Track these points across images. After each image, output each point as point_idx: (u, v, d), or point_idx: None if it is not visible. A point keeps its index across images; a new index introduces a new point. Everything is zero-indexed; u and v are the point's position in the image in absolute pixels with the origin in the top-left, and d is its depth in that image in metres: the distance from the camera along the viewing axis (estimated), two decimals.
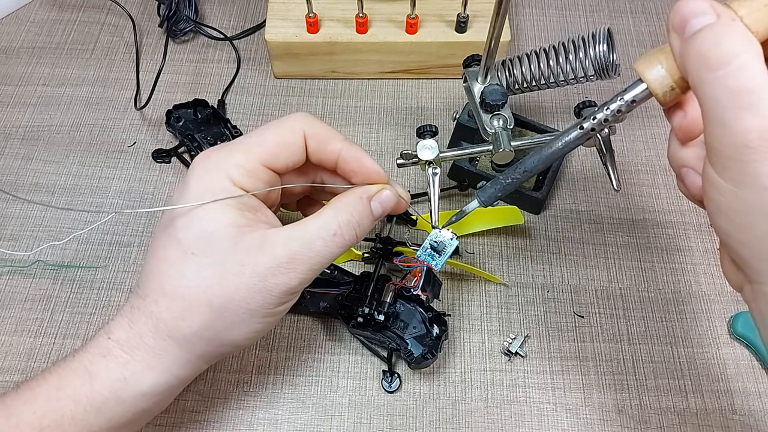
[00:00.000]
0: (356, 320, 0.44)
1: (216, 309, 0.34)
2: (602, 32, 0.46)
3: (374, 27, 0.58)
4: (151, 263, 0.36)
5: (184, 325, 0.34)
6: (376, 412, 0.45)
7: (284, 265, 0.34)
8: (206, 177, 0.35)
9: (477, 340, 0.48)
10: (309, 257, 0.35)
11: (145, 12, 0.66)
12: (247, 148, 0.36)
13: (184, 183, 0.36)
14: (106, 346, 0.35)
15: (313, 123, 0.37)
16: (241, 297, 0.34)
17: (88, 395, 0.34)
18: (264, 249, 0.34)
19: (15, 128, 0.58)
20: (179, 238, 0.34)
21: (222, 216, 0.34)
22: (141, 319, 0.35)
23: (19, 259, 0.51)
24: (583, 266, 0.51)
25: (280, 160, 0.37)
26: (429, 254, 0.43)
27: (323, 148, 0.37)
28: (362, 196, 0.37)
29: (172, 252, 0.34)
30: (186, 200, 0.34)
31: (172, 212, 0.35)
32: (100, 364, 0.34)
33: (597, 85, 0.61)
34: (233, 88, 0.61)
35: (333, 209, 0.37)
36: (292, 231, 0.35)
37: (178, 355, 0.35)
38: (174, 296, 0.34)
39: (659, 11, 0.67)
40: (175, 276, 0.34)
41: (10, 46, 0.63)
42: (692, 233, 0.53)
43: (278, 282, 0.34)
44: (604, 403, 0.46)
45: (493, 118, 0.46)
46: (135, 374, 0.34)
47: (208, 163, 0.36)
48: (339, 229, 0.36)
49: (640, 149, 0.58)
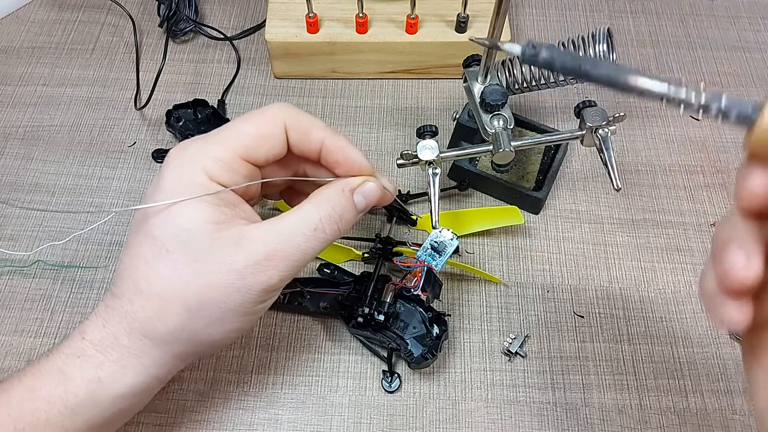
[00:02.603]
0: (356, 320, 0.44)
1: (192, 308, 0.33)
2: (602, 32, 0.46)
3: (374, 27, 0.58)
4: (125, 261, 0.34)
5: (159, 325, 0.33)
6: (376, 412, 0.45)
7: (263, 262, 0.33)
8: (181, 170, 0.34)
9: (477, 340, 0.48)
10: (289, 254, 0.34)
11: (145, 12, 0.66)
12: (225, 140, 0.34)
13: (158, 176, 0.34)
14: (80, 346, 0.34)
15: (293, 113, 0.36)
16: (218, 296, 0.33)
17: (62, 396, 0.33)
18: (241, 246, 0.33)
19: (15, 128, 0.58)
20: (154, 235, 0.33)
21: (198, 212, 0.33)
22: (115, 318, 0.34)
23: (19, 259, 0.51)
24: (583, 266, 0.51)
25: (260, 153, 0.35)
26: (429, 254, 0.43)
27: (305, 139, 0.36)
28: (344, 188, 0.36)
29: (147, 250, 0.33)
30: (160, 194, 0.33)
31: (146, 210, 0.34)
32: (74, 365, 0.33)
33: (597, 85, 0.61)
34: (233, 88, 0.61)
35: (313, 203, 0.35)
36: (271, 227, 0.34)
37: (155, 356, 0.34)
38: (149, 295, 0.33)
39: (659, 11, 0.67)
40: (149, 274, 0.33)
41: (10, 46, 0.63)
42: (692, 233, 0.53)
43: (257, 280, 0.33)
44: (604, 403, 0.46)
45: (493, 118, 0.46)
46: (110, 375, 0.33)
47: (183, 156, 0.34)
48: (320, 224, 0.34)
49: (640, 149, 0.58)
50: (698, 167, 0.57)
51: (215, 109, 0.57)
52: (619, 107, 0.60)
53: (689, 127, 0.59)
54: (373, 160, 0.57)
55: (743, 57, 0.64)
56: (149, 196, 0.34)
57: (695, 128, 0.59)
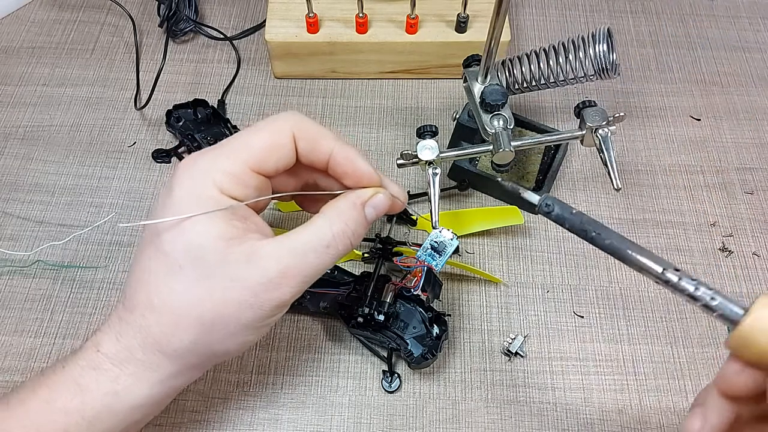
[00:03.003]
0: (356, 320, 0.44)
1: (206, 324, 0.33)
2: (602, 32, 0.46)
3: (374, 27, 0.58)
4: (137, 274, 0.34)
5: (174, 341, 0.33)
6: (376, 412, 0.45)
7: (276, 279, 0.33)
8: (192, 184, 0.33)
9: (477, 340, 0.48)
10: (301, 270, 0.33)
11: (145, 12, 0.66)
12: (234, 152, 0.34)
13: (168, 190, 0.34)
14: (95, 359, 0.34)
15: (302, 123, 0.35)
16: (232, 312, 0.33)
17: (79, 408, 0.33)
18: (254, 263, 0.33)
19: (15, 128, 0.58)
20: (166, 251, 0.33)
21: (210, 228, 0.32)
22: (129, 332, 0.34)
23: (19, 259, 0.51)
24: (583, 266, 0.51)
25: (269, 164, 0.35)
26: (429, 254, 0.43)
27: (314, 149, 0.35)
28: (356, 202, 0.35)
29: (159, 265, 0.33)
30: (171, 209, 0.33)
31: (157, 224, 0.33)
32: (90, 377, 0.33)
33: (597, 85, 0.61)
34: (233, 88, 0.61)
35: (326, 218, 0.35)
36: (284, 243, 0.33)
37: (169, 368, 0.34)
38: (162, 311, 0.33)
39: (659, 11, 0.67)
40: (162, 290, 0.33)
41: (10, 46, 0.63)
42: (692, 233, 0.53)
43: (270, 297, 0.33)
44: (604, 403, 0.46)
45: (493, 118, 0.46)
46: (126, 388, 0.34)
47: (193, 170, 0.34)
48: (333, 241, 0.34)
49: (640, 149, 0.58)
50: (698, 167, 0.57)
51: (215, 109, 0.57)
52: (619, 107, 0.60)
53: (689, 127, 0.59)
54: (373, 160, 0.57)
55: (743, 57, 0.64)
56: (159, 210, 0.34)
57: (695, 128, 0.59)
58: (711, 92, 0.62)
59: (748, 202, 0.55)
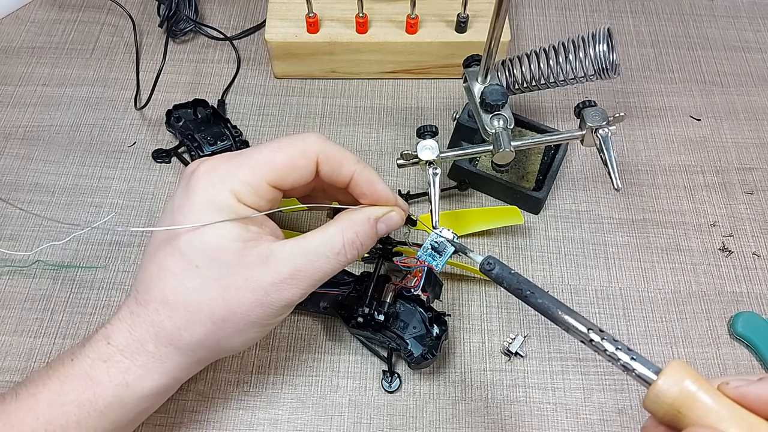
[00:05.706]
0: (356, 320, 0.44)
1: (218, 321, 0.35)
2: (602, 32, 0.46)
3: (374, 27, 0.58)
4: (151, 270, 0.36)
5: (185, 335, 0.35)
6: (376, 412, 0.45)
7: (287, 280, 0.35)
8: (211, 190, 0.35)
9: (477, 340, 0.48)
10: (311, 273, 0.36)
11: (145, 12, 0.66)
12: (256, 165, 0.36)
13: (187, 193, 0.36)
14: (106, 351, 0.35)
15: (327, 147, 0.37)
16: (243, 310, 0.35)
17: (91, 400, 0.34)
18: (268, 264, 0.35)
19: (15, 128, 0.58)
20: (182, 251, 0.35)
21: (227, 231, 0.34)
22: (142, 326, 0.35)
23: (19, 259, 0.51)
24: (583, 266, 0.51)
25: (287, 181, 0.37)
26: (429, 254, 0.43)
27: (336, 172, 0.38)
28: (370, 216, 0.38)
29: (175, 263, 0.35)
30: (190, 213, 0.35)
31: (173, 222, 0.35)
32: (101, 369, 0.35)
33: (597, 85, 0.61)
34: (233, 88, 0.61)
35: (339, 227, 0.37)
36: (296, 245, 0.36)
37: (178, 361, 0.36)
38: (176, 307, 0.35)
39: (659, 11, 0.67)
40: (177, 287, 0.35)
41: (10, 46, 0.63)
42: (692, 233, 0.53)
43: (280, 297, 0.35)
44: (604, 403, 0.46)
45: (493, 118, 0.46)
46: (136, 379, 0.35)
47: (213, 176, 0.36)
48: (343, 249, 0.36)
49: (640, 149, 0.58)
50: (698, 167, 0.57)
51: (215, 109, 0.57)
52: (619, 107, 0.60)
53: (689, 127, 0.59)
54: (373, 160, 0.57)
55: (743, 57, 0.64)
56: (177, 211, 0.35)
57: (695, 128, 0.59)
58: (711, 92, 0.62)
59: (748, 202, 0.55)
